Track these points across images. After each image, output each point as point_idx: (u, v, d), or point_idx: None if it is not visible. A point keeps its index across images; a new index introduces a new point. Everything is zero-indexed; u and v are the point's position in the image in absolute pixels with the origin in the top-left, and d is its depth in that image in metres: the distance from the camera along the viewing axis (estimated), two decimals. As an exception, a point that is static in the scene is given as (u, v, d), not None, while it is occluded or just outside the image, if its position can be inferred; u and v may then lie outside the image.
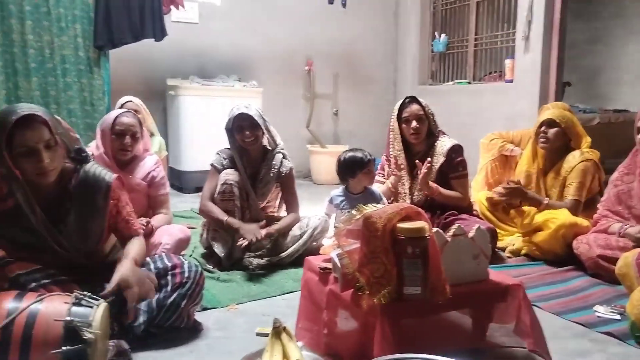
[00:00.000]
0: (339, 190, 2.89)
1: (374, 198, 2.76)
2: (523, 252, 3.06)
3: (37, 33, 4.23)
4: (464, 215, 2.99)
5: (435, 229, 1.67)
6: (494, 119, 5.06)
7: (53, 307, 1.55)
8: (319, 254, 2.42)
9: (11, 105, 1.81)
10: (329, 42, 6.18)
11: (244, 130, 2.84)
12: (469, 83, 5.70)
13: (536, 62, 4.76)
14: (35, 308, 1.53)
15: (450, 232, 1.74)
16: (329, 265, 1.80)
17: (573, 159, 3.11)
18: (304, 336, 1.88)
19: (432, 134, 3.05)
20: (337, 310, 1.75)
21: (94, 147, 2.71)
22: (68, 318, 1.51)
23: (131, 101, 3.58)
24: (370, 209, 1.65)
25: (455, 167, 3.01)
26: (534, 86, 4.79)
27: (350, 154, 2.78)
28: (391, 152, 3.13)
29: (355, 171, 2.74)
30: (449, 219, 2.94)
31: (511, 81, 5.05)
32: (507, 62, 5.09)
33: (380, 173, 3.22)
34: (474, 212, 3.23)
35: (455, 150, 3.01)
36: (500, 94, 5.17)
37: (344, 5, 5.61)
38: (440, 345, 1.55)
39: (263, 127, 2.87)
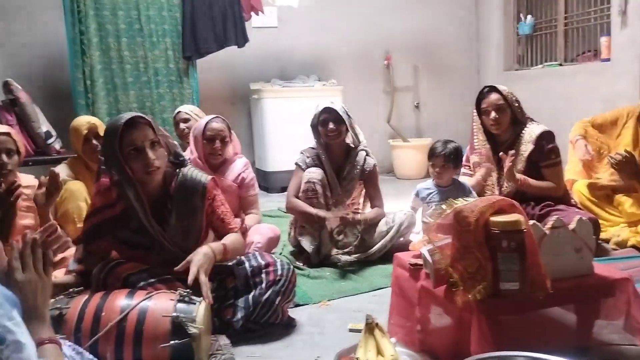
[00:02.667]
0: (426, 183, 2.85)
1: (463, 191, 2.70)
2: (630, 243, 2.85)
3: (132, 49, 4.54)
4: (561, 206, 2.81)
5: (531, 222, 1.60)
6: (591, 102, 4.72)
7: (161, 304, 1.67)
8: (408, 250, 2.39)
9: (117, 116, 2.00)
10: (406, 34, 6.07)
11: (327, 123, 2.87)
12: (560, 65, 5.36)
13: (635, 38, 4.38)
14: (145, 305, 1.66)
15: (549, 225, 1.65)
16: (420, 261, 1.78)
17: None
18: (396, 332, 1.87)
19: (518, 121, 2.90)
20: (430, 307, 1.73)
21: (188, 153, 2.87)
22: (174, 314, 1.63)
23: (180, 112, 3.56)
24: (460, 202, 1.61)
25: (546, 155, 2.83)
26: (634, 64, 4.41)
27: (435, 143, 2.76)
28: (476, 143, 3.02)
29: (429, 160, 2.77)
30: (544, 211, 2.78)
31: (608, 60, 4.69)
32: (603, 40, 4.72)
33: (465, 165, 3.11)
34: (572, 202, 3.03)
35: (545, 137, 2.82)
36: (596, 74, 4.82)
37: (421, -5, 5.50)
38: (543, 343, 1.49)
39: (347, 124, 2.89)
